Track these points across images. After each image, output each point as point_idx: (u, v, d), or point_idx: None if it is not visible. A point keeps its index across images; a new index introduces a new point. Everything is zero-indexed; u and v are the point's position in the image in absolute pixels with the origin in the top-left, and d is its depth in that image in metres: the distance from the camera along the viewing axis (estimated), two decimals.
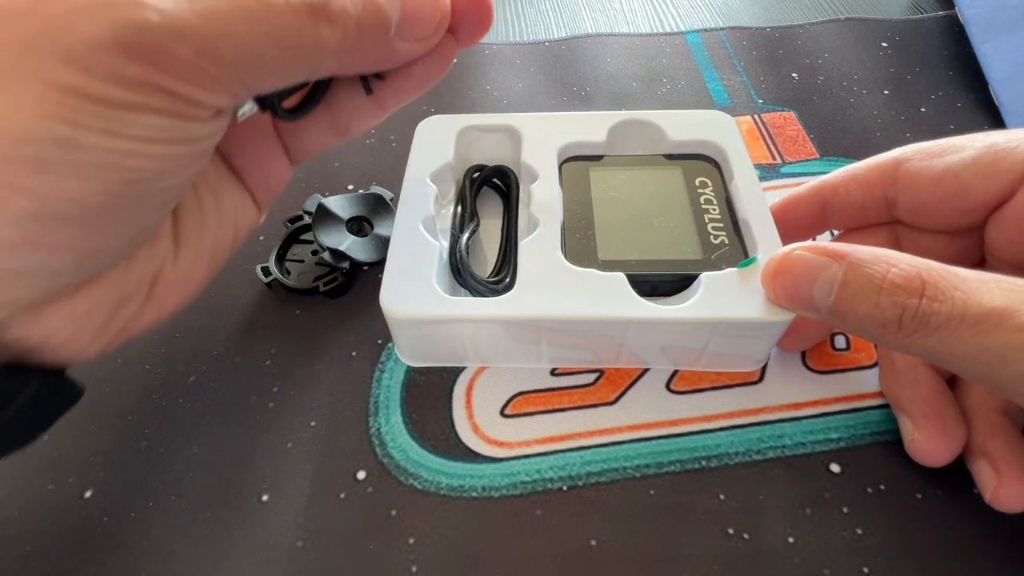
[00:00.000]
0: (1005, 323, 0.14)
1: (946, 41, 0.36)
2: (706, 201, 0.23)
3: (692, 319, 0.20)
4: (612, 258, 0.22)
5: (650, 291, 0.21)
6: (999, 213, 0.19)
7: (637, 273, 0.21)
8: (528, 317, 0.20)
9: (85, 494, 0.20)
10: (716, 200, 0.23)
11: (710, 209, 0.23)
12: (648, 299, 0.20)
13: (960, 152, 0.19)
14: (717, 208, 0.23)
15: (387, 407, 0.22)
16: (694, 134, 0.25)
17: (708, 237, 0.22)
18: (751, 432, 0.21)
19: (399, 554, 0.19)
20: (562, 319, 0.20)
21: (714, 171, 0.25)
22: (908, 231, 0.21)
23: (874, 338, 0.17)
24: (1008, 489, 0.18)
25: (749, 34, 0.38)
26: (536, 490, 0.20)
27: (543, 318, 0.20)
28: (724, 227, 0.23)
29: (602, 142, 0.26)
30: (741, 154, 0.24)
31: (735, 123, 0.26)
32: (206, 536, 0.19)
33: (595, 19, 0.41)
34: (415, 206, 0.23)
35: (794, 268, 0.18)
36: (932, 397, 0.19)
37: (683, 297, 0.21)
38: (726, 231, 0.22)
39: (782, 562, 0.18)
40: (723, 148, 0.25)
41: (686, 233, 0.22)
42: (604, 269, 0.21)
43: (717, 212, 0.23)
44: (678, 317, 0.20)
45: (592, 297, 0.20)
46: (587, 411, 0.22)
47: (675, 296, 0.21)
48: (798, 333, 0.22)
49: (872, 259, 0.16)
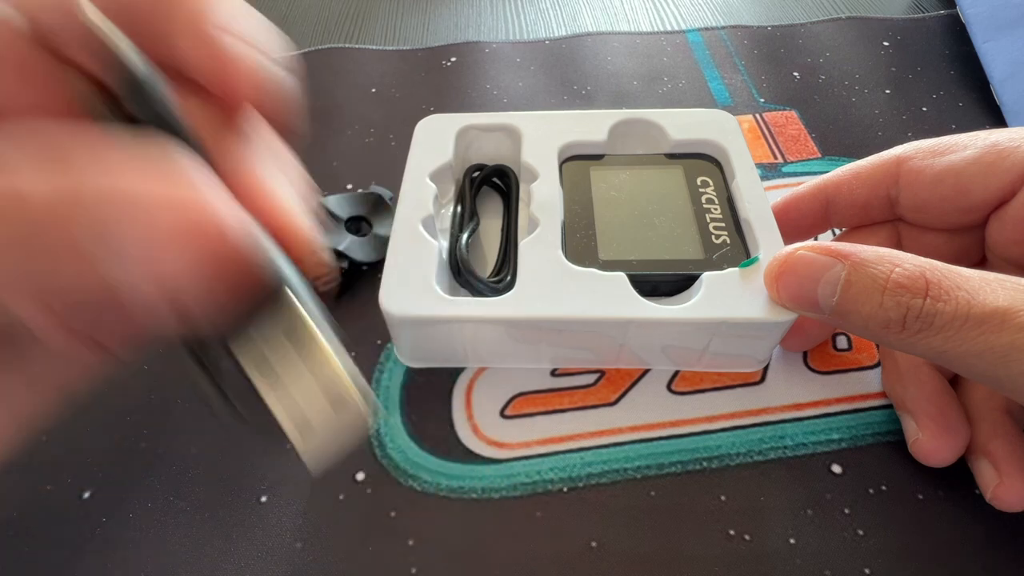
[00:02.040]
0: (1009, 323, 0.14)
1: (947, 40, 0.36)
2: (707, 200, 0.23)
3: (693, 319, 0.20)
4: (613, 258, 0.22)
5: (651, 291, 0.21)
6: (1000, 212, 0.19)
7: (638, 273, 0.21)
8: (528, 317, 0.20)
9: (84, 494, 0.20)
10: (717, 199, 0.23)
11: (711, 209, 0.23)
12: (649, 299, 0.20)
13: (962, 151, 0.19)
14: (719, 207, 0.23)
15: (387, 408, 0.22)
16: (695, 133, 0.25)
17: (710, 237, 0.22)
18: (752, 433, 0.21)
19: (398, 555, 0.19)
20: (563, 319, 0.20)
21: (716, 170, 0.25)
22: (910, 229, 0.21)
23: (878, 338, 0.17)
24: (1009, 488, 0.18)
25: (750, 33, 0.38)
26: (536, 491, 0.20)
27: (543, 318, 0.20)
28: (726, 226, 0.22)
29: (603, 141, 0.25)
30: (743, 153, 0.24)
31: (736, 122, 0.25)
32: (205, 537, 0.19)
33: (595, 17, 0.40)
34: (414, 205, 0.23)
35: (797, 268, 0.18)
36: (935, 396, 0.19)
37: (684, 297, 0.21)
38: (727, 231, 0.22)
39: (783, 563, 0.18)
40: (724, 147, 0.24)
41: (687, 233, 0.22)
42: (605, 269, 0.21)
43: (719, 211, 0.23)
44: (679, 317, 0.20)
45: (593, 297, 0.20)
46: (588, 412, 0.22)
47: (676, 296, 0.21)
48: (801, 332, 0.22)
49: (876, 259, 0.16)
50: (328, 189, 0.29)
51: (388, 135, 0.32)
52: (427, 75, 0.35)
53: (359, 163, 0.31)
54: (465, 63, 0.36)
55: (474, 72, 0.36)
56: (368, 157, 0.31)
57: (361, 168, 0.30)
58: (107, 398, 0.22)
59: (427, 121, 0.26)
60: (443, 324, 0.21)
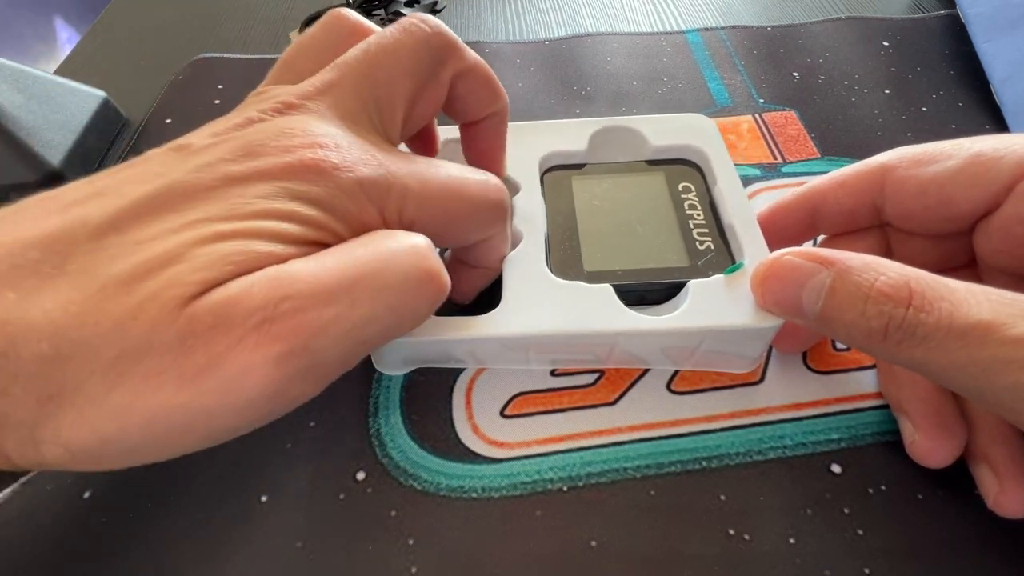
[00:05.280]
0: (992, 336, 0.14)
1: (947, 40, 0.36)
2: (690, 206, 0.23)
3: (681, 329, 0.20)
4: (598, 269, 0.21)
5: (638, 300, 0.21)
6: (985, 223, 0.19)
7: (624, 284, 0.21)
8: (514, 335, 0.20)
9: (85, 494, 0.20)
10: (700, 205, 0.23)
11: (694, 214, 0.23)
12: (636, 308, 0.20)
13: (946, 161, 0.19)
14: (701, 213, 0.23)
15: (387, 407, 0.22)
16: (674, 139, 0.25)
17: (694, 243, 0.22)
18: (752, 432, 0.21)
19: (399, 555, 0.19)
20: (550, 335, 0.20)
21: (696, 175, 0.24)
22: (898, 233, 0.21)
23: (861, 347, 0.17)
24: (1010, 495, 0.18)
25: (750, 33, 0.38)
26: (536, 491, 0.20)
27: (530, 336, 0.20)
28: (709, 232, 0.22)
29: (583, 150, 0.25)
30: (722, 157, 0.24)
31: (715, 125, 0.25)
32: (205, 537, 0.19)
33: (595, 18, 0.40)
34: None
35: (783, 273, 0.18)
36: (931, 397, 0.19)
37: (672, 306, 0.21)
38: (711, 236, 0.22)
39: (783, 563, 0.18)
40: (704, 152, 0.24)
41: (671, 240, 0.22)
42: (590, 281, 0.21)
43: (701, 217, 0.23)
44: (667, 328, 0.20)
45: (579, 311, 0.20)
46: (587, 411, 0.22)
47: (663, 304, 0.21)
48: (797, 335, 0.22)
49: (862, 267, 0.16)
50: None
51: None
52: None
53: None
54: None
55: None
56: None
57: None
58: None
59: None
60: (428, 345, 0.20)
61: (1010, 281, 0.19)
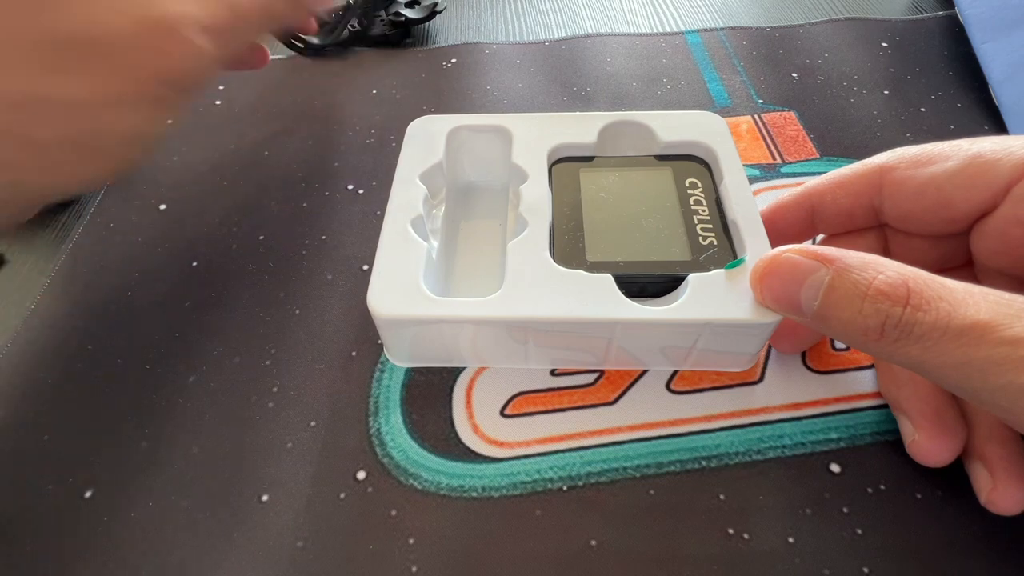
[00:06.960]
0: (988, 336, 0.14)
1: (946, 41, 0.36)
2: (696, 202, 0.23)
3: (679, 320, 0.20)
4: (600, 259, 0.22)
5: (638, 292, 0.21)
6: (982, 224, 0.19)
7: (625, 274, 0.21)
8: (514, 318, 0.20)
9: (85, 494, 0.20)
10: (706, 201, 0.23)
11: (699, 210, 0.23)
12: (636, 300, 0.20)
13: (944, 162, 0.19)
14: (706, 209, 0.23)
15: (387, 407, 0.22)
16: (685, 135, 0.25)
17: (697, 238, 0.22)
18: (751, 432, 0.21)
19: (399, 554, 0.19)
20: (548, 320, 0.20)
21: (704, 172, 0.25)
22: (895, 234, 0.21)
23: (858, 345, 0.17)
24: (1003, 493, 0.18)
25: (749, 34, 0.38)
26: (536, 490, 0.20)
27: (529, 319, 0.20)
28: (713, 228, 0.22)
29: (593, 143, 0.25)
30: (731, 155, 0.24)
31: (726, 124, 0.25)
32: (206, 536, 0.19)
33: (595, 19, 0.41)
34: (405, 206, 0.23)
35: (782, 270, 0.18)
36: (930, 397, 0.19)
37: (671, 298, 0.21)
38: (715, 232, 0.22)
39: (782, 562, 0.18)
40: (713, 149, 0.24)
41: (675, 234, 0.22)
42: (592, 271, 0.21)
43: (706, 213, 0.23)
44: (665, 319, 0.20)
45: (579, 299, 0.20)
46: (587, 411, 0.22)
47: (664, 297, 0.21)
48: (796, 335, 0.22)
49: (860, 265, 0.16)
50: (329, 189, 0.29)
51: (389, 136, 0.32)
52: (427, 76, 0.36)
53: (360, 163, 0.31)
54: (465, 64, 0.36)
55: (474, 73, 0.36)
56: (369, 158, 0.31)
57: (362, 168, 0.30)
58: (107, 398, 0.22)
59: (418, 122, 0.26)
60: (429, 325, 0.21)
61: (1006, 282, 0.19)
